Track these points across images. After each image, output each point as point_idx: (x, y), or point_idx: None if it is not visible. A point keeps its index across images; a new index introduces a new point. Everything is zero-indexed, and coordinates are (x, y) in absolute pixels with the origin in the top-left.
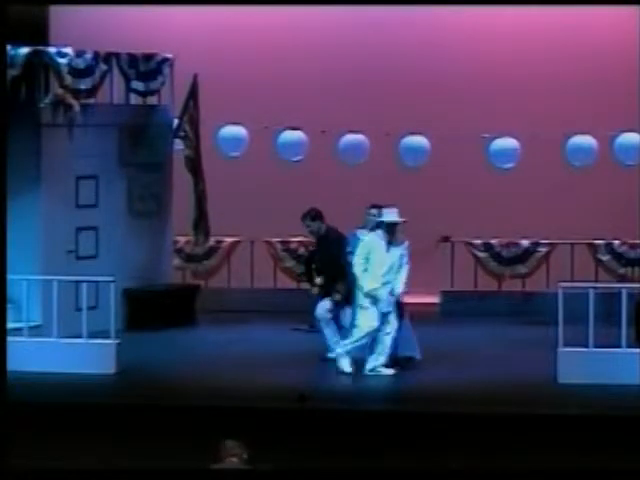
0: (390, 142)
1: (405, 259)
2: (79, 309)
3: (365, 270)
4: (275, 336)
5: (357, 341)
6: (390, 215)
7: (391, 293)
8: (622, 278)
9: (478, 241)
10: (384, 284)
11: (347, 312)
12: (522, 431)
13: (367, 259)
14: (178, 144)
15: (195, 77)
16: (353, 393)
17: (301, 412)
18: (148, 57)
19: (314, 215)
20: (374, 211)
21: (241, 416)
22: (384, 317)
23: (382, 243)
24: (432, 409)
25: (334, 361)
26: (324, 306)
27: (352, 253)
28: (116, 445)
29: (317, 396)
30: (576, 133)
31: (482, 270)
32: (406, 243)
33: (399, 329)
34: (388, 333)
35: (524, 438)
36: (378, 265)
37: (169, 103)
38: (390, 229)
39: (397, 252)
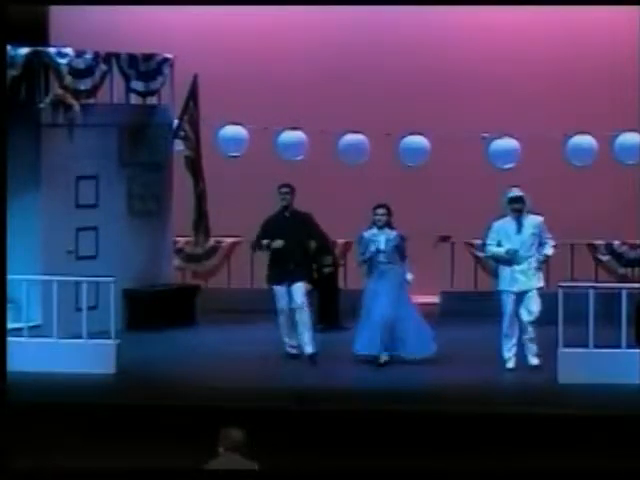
0: (390, 142)
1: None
2: (79, 309)
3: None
4: (275, 336)
5: None
6: (513, 192)
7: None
8: (622, 278)
9: (478, 241)
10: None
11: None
12: (522, 431)
13: (499, 246)
14: (178, 144)
15: (195, 77)
16: (353, 393)
17: (301, 412)
18: (148, 57)
19: None
20: (380, 211)
21: (241, 416)
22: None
23: (511, 226)
24: (432, 409)
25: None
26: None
27: (363, 254)
28: (116, 445)
29: (317, 396)
30: (576, 133)
31: (482, 270)
32: (538, 220)
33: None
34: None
35: (524, 438)
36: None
37: (169, 103)
38: (514, 207)
39: (528, 231)
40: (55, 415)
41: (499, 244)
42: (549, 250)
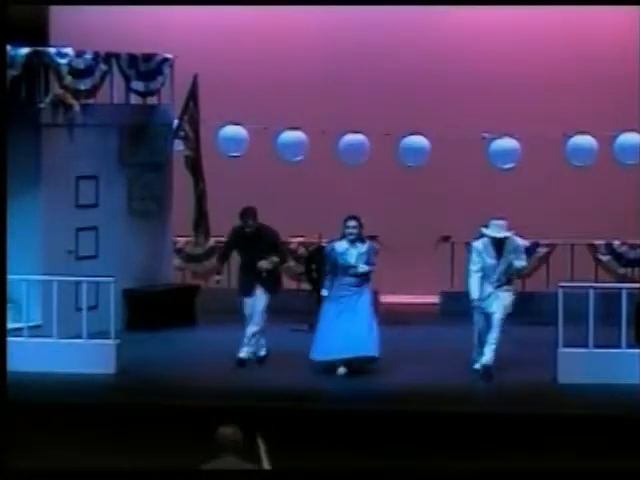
0: (390, 142)
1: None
2: (79, 309)
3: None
4: (275, 336)
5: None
6: (495, 228)
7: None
8: (622, 278)
9: None
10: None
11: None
12: (522, 431)
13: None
14: (178, 144)
15: (195, 77)
16: (353, 393)
17: (301, 412)
18: (148, 57)
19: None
20: (352, 223)
21: (241, 416)
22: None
23: (491, 251)
24: (432, 409)
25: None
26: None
27: (332, 267)
28: (116, 445)
29: (317, 396)
30: (576, 133)
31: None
32: (519, 243)
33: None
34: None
35: (524, 438)
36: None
37: (169, 103)
38: (492, 241)
39: (507, 256)
40: (55, 415)
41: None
42: (518, 264)
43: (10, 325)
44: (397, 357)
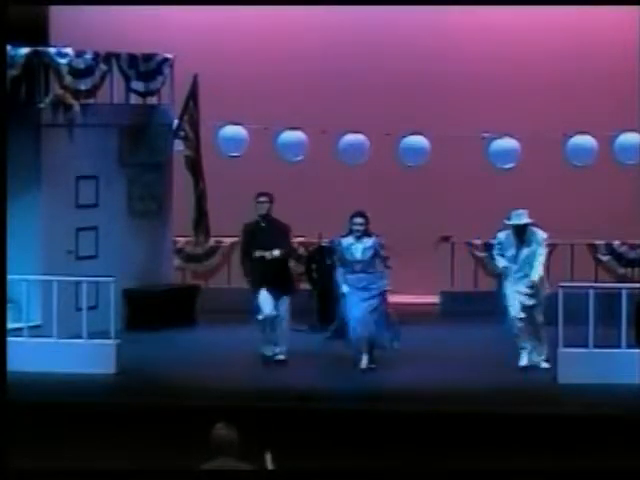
0: (390, 142)
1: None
2: (79, 309)
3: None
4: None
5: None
6: (517, 217)
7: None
8: (622, 278)
9: (478, 241)
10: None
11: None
12: (522, 431)
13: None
14: (178, 144)
15: (195, 77)
16: (353, 393)
17: (301, 412)
18: (148, 57)
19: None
20: (358, 220)
21: (241, 416)
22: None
23: (515, 240)
24: (432, 409)
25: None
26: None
27: (341, 263)
28: (116, 445)
29: (317, 396)
30: (576, 133)
31: (482, 270)
32: (543, 237)
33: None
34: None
35: (524, 438)
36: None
37: (169, 103)
38: (515, 232)
39: (532, 247)
40: (55, 415)
41: (503, 256)
42: (536, 276)
43: (10, 325)
44: (397, 357)
